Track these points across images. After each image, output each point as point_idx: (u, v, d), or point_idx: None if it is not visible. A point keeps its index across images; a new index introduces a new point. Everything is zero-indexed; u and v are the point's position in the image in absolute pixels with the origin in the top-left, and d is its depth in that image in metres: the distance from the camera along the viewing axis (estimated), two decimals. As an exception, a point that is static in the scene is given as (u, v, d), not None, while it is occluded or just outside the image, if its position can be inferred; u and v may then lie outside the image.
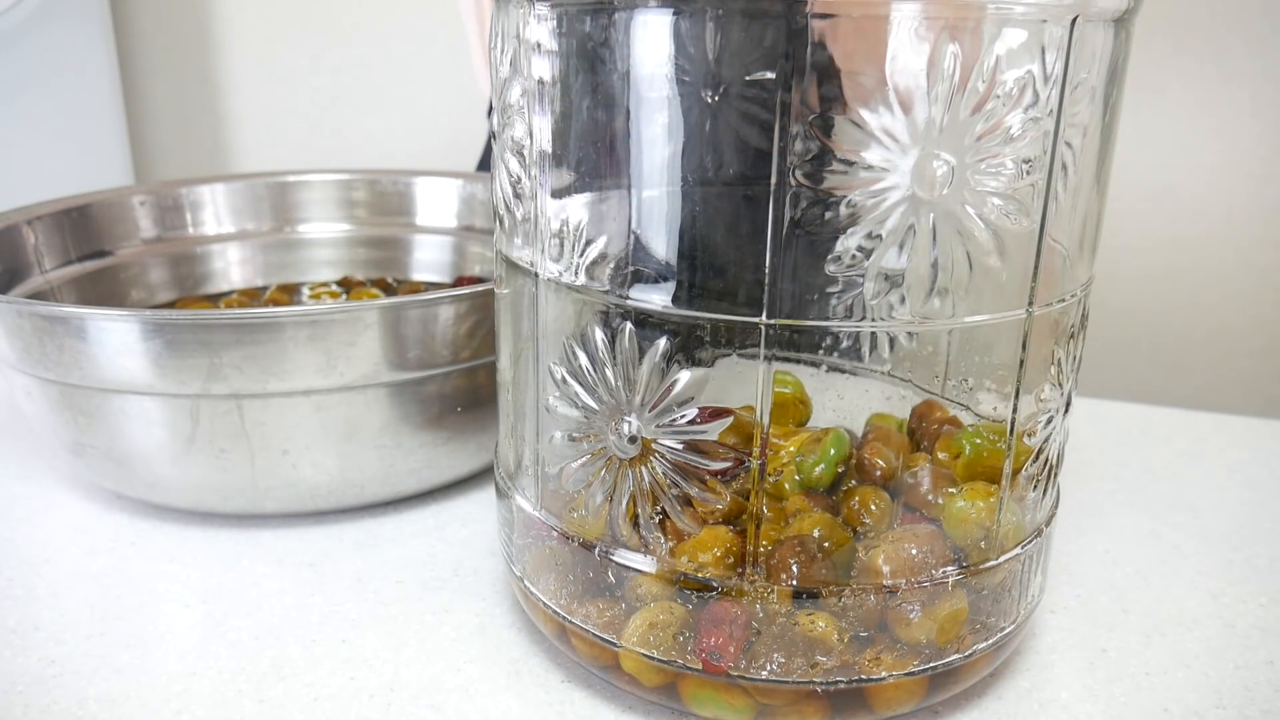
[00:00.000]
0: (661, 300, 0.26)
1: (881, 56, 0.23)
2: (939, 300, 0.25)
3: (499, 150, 0.30)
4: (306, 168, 0.62)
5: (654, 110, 0.25)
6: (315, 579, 0.37)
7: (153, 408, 0.38)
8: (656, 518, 0.28)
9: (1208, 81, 0.57)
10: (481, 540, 0.40)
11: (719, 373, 0.30)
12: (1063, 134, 0.25)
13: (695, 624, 0.28)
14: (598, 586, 0.29)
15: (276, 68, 0.78)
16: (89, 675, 0.32)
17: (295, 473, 0.39)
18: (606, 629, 0.29)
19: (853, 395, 0.33)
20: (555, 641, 0.32)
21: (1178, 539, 0.41)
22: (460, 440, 0.42)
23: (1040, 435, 0.29)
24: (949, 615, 0.28)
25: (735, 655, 0.27)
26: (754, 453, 0.27)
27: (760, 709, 0.28)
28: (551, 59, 0.26)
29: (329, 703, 0.30)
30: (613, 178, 0.26)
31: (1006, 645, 0.30)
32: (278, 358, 0.37)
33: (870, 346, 0.33)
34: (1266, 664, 0.33)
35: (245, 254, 0.59)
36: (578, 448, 0.28)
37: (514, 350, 0.31)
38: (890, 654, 0.27)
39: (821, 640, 0.27)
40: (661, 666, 0.28)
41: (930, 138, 0.24)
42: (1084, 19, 0.24)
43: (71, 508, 0.43)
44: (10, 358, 0.40)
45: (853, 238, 0.24)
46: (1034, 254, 0.26)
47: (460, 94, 0.74)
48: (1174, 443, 0.50)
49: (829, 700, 0.28)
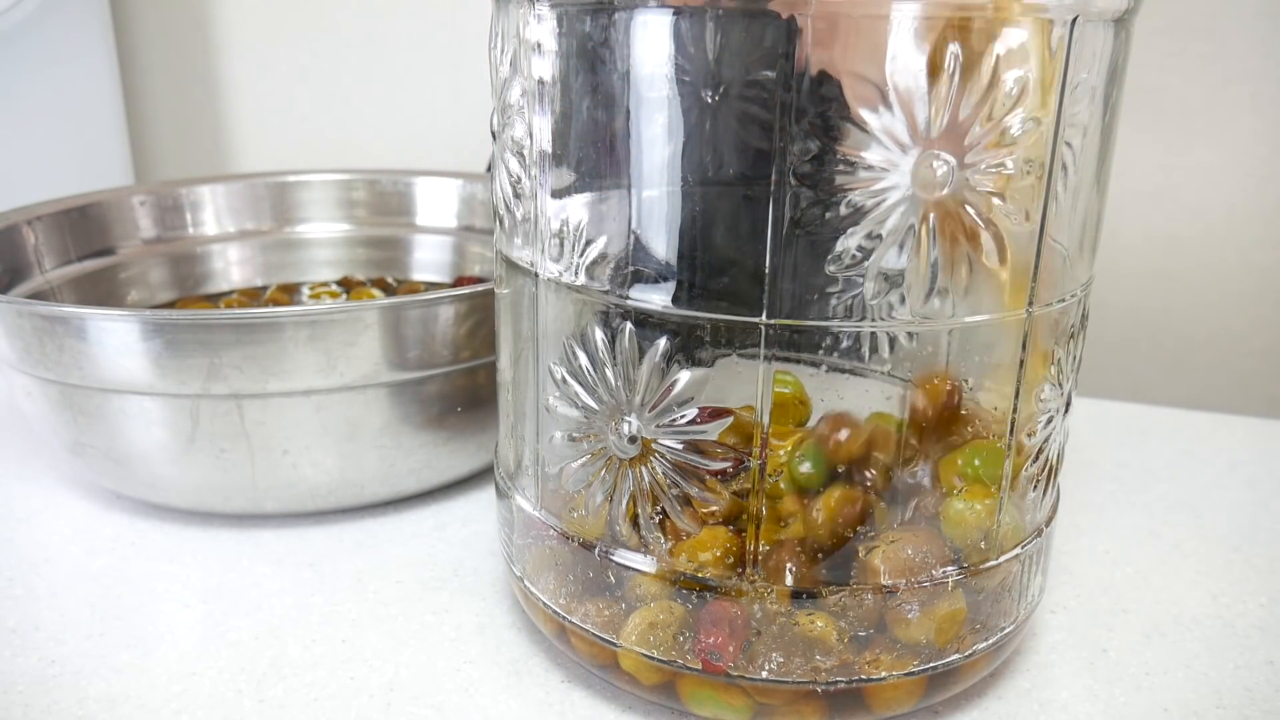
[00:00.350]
0: (661, 300, 0.26)
1: (882, 56, 0.23)
2: (939, 300, 0.25)
3: (499, 150, 0.30)
4: (306, 168, 0.62)
5: (654, 110, 0.25)
6: (315, 579, 0.37)
7: (152, 408, 0.38)
8: (656, 518, 0.28)
9: (1208, 81, 0.57)
10: (481, 540, 0.40)
11: (719, 373, 0.30)
12: (1063, 134, 0.25)
13: (694, 623, 0.28)
14: (597, 586, 0.29)
15: (276, 68, 0.78)
16: (89, 675, 0.32)
17: (295, 473, 0.39)
18: (605, 628, 0.29)
19: (853, 395, 0.33)
20: (555, 641, 0.32)
21: (1178, 539, 0.41)
22: (460, 440, 0.42)
23: (1040, 435, 0.29)
24: (947, 615, 0.28)
25: (734, 655, 0.27)
26: (754, 453, 0.27)
27: (759, 709, 0.28)
28: (551, 59, 0.26)
29: (329, 703, 0.30)
30: (613, 178, 0.26)
31: (1006, 645, 0.30)
32: (277, 358, 0.37)
33: (870, 346, 0.33)
34: (1266, 664, 0.33)
35: (245, 254, 0.59)
36: (578, 448, 0.28)
37: (514, 350, 0.31)
38: (889, 654, 0.27)
39: (820, 640, 0.27)
40: (660, 666, 0.28)
41: (930, 138, 0.24)
42: (1084, 19, 0.24)
43: (71, 507, 0.43)
44: (10, 357, 0.40)
45: (853, 238, 0.24)
46: (1034, 254, 0.26)
47: (460, 94, 0.74)
48: (1174, 443, 0.50)
49: (828, 700, 0.28)
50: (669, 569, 0.28)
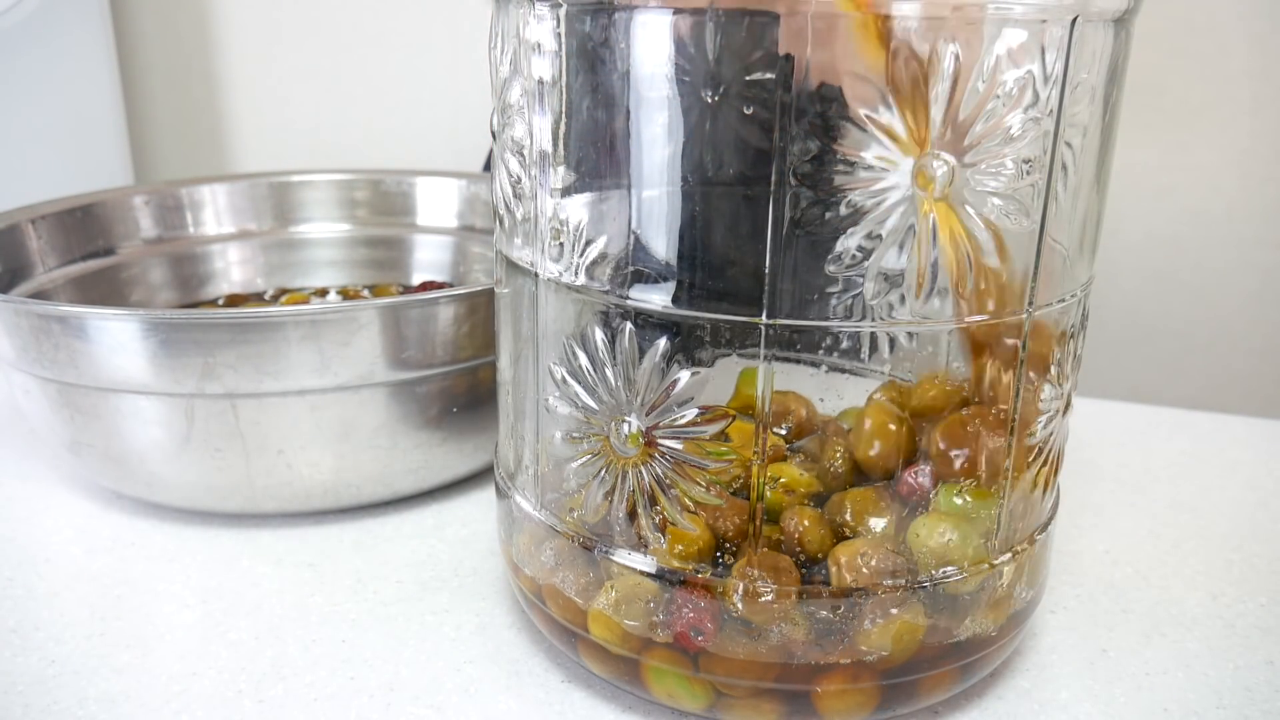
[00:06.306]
0: (661, 300, 0.26)
1: (881, 56, 0.23)
2: (939, 300, 0.25)
3: (499, 150, 0.30)
4: (307, 168, 0.62)
5: (654, 110, 0.25)
6: (315, 579, 0.37)
7: (148, 407, 0.38)
8: (656, 518, 0.28)
9: (1208, 81, 0.57)
10: (481, 540, 0.40)
11: (719, 373, 0.30)
12: (1063, 134, 0.25)
13: (674, 602, 0.28)
14: (596, 585, 0.29)
15: (276, 68, 0.78)
16: (89, 675, 0.32)
17: (291, 473, 0.39)
18: (581, 594, 0.29)
19: (853, 395, 0.33)
20: (562, 648, 0.32)
21: (1178, 539, 0.41)
22: (458, 441, 0.42)
23: (1040, 435, 0.29)
24: (905, 625, 0.28)
25: (712, 634, 0.27)
26: (754, 453, 0.27)
27: (719, 698, 0.28)
28: (551, 59, 0.26)
29: (329, 703, 0.30)
30: (613, 178, 0.26)
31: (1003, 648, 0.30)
32: (272, 357, 0.37)
33: (870, 346, 0.33)
34: (1266, 664, 0.33)
35: (246, 254, 0.59)
36: (578, 447, 0.28)
37: (514, 350, 0.31)
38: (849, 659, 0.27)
39: (794, 637, 0.27)
40: (631, 635, 0.28)
41: (930, 138, 0.24)
42: (1084, 19, 0.24)
43: (71, 507, 0.43)
44: (9, 356, 0.40)
45: (853, 238, 0.24)
46: (1034, 254, 0.26)
47: (461, 94, 0.74)
48: (1174, 443, 0.50)
49: (784, 700, 0.28)
50: (668, 568, 0.28)
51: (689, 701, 0.29)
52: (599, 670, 0.30)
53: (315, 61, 0.77)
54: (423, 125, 0.75)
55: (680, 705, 0.29)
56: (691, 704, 0.29)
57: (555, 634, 0.31)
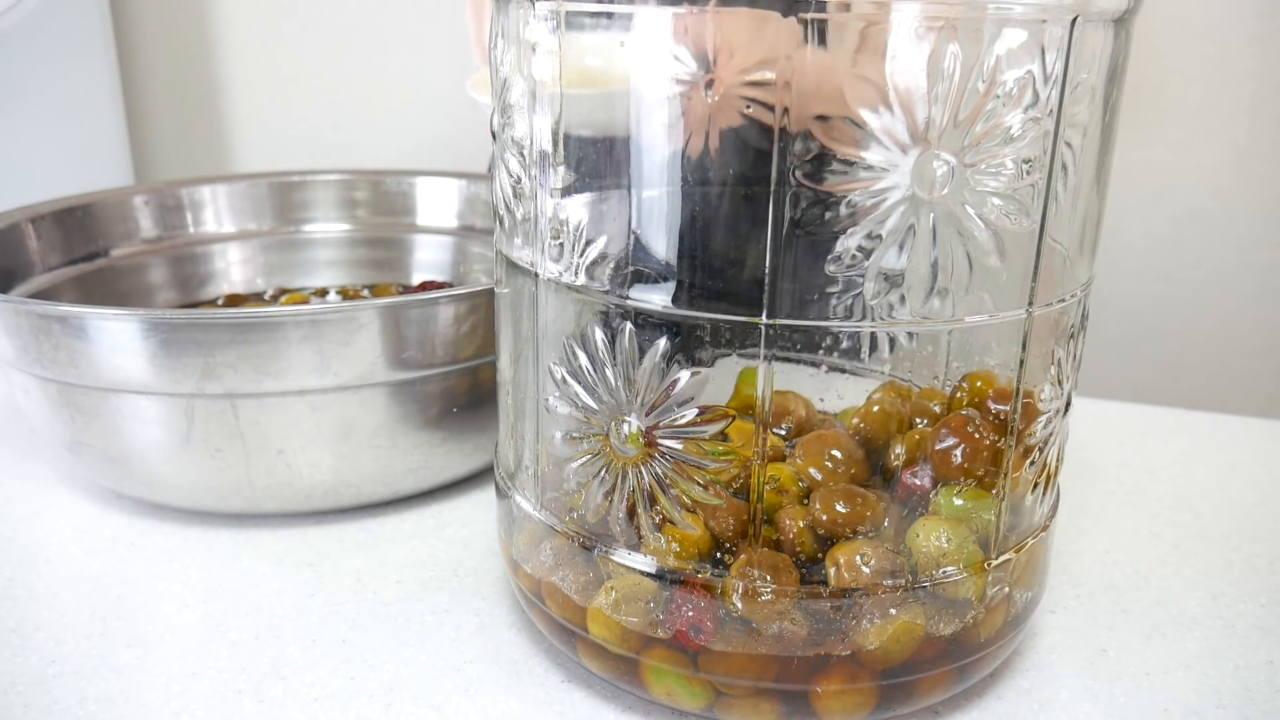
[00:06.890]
0: (661, 300, 0.26)
1: (881, 56, 0.23)
2: (939, 300, 0.25)
3: (499, 150, 0.30)
4: (307, 168, 0.62)
5: (654, 110, 0.25)
6: (315, 579, 0.37)
7: (148, 407, 0.38)
8: (656, 517, 0.28)
9: (1208, 81, 0.57)
10: (481, 540, 0.40)
11: (719, 373, 0.30)
12: (1063, 134, 0.25)
13: (674, 602, 0.28)
14: (596, 584, 0.29)
15: (276, 68, 0.78)
16: (89, 675, 0.32)
17: (291, 472, 0.39)
18: (579, 591, 0.29)
19: (853, 395, 0.33)
20: (557, 643, 0.32)
21: (1178, 539, 0.41)
22: (457, 441, 0.42)
23: (1040, 435, 0.29)
24: (904, 627, 0.28)
25: (711, 633, 0.27)
26: (754, 453, 0.27)
27: (718, 698, 0.28)
28: (552, 59, 0.26)
29: (329, 703, 0.30)
30: (613, 178, 0.26)
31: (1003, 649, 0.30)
32: (271, 357, 0.37)
33: (870, 346, 0.33)
34: (1266, 664, 0.33)
35: (246, 254, 0.59)
36: (578, 447, 0.28)
37: (514, 350, 0.31)
38: (848, 661, 0.27)
39: (791, 637, 0.27)
40: (630, 634, 0.28)
41: (930, 138, 0.24)
42: (1084, 19, 0.24)
43: (71, 507, 0.43)
44: (9, 356, 0.40)
45: (853, 238, 0.24)
46: (1034, 254, 0.26)
47: (461, 94, 0.74)
48: (1174, 443, 0.50)
49: (783, 700, 0.28)
50: (667, 567, 0.28)
51: (688, 701, 0.29)
52: (598, 669, 0.30)
53: (315, 61, 0.77)
54: (423, 125, 0.75)
55: (679, 704, 0.29)
56: (691, 703, 0.29)
57: (555, 633, 0.31)
